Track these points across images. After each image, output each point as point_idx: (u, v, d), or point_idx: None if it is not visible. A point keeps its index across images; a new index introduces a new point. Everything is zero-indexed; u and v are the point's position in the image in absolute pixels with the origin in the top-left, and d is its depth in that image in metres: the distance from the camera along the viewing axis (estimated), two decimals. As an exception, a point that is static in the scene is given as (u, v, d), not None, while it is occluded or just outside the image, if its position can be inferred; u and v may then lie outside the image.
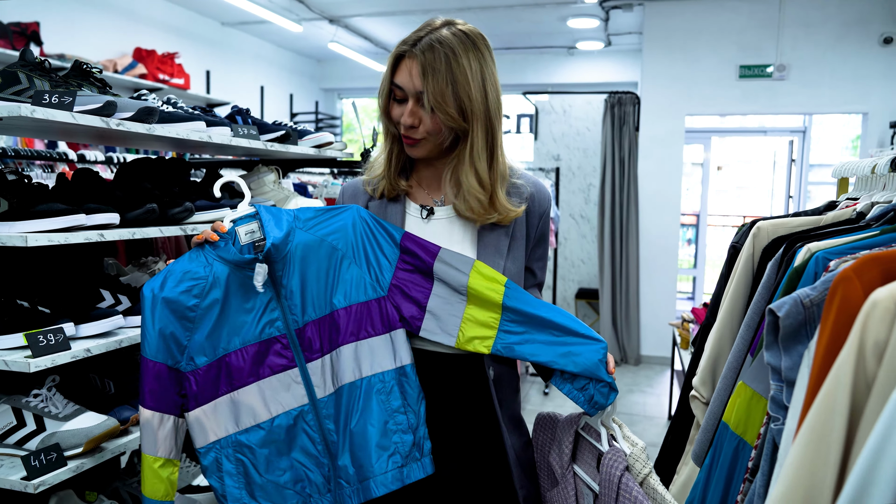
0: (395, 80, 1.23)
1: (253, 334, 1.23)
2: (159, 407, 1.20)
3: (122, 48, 5.22)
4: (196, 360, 1.21)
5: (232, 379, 1.22)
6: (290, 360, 1.23)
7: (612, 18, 6.18)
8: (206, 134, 1.80)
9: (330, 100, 8.65)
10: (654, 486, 1.17)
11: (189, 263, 1.23)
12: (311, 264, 1.24)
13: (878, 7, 5.11)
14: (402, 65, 1.21)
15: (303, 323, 1.23)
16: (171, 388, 1.21)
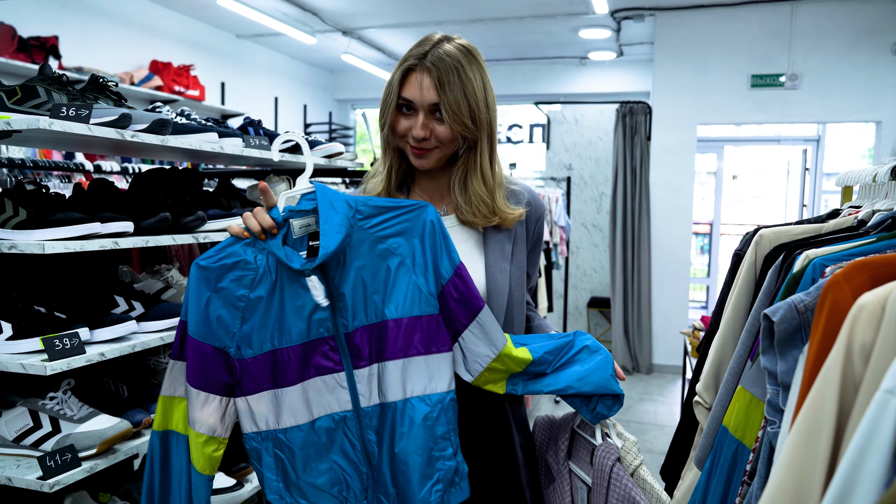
0: (403, 94, 1.24)
1: (301, 333, 1.16)
2: (202, 385, 1.15)
3: (139, 61, 5.32)
4: (243, 351, 1.16)
5: (277, 375, 1.17)
6: (338, 363, 1.18)
7: (623, 29, 6.21)
8: (218, 145, 1.85)
9: (343, 110, 8.73)
10: (643, 476, 1.20)
11: (241, 249, 1.16)
12: (367, 266, 1.18)
13: (889, 16, 5.10)
14: (411, 79, 1.24)
15: (352, 327, 1.18)
16: (216, 368, 1.15)
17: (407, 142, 1.28)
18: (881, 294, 0.77)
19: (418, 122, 1.24)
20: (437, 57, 1.22)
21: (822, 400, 0.78)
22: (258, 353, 1.16)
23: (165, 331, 1.65)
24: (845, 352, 0.78)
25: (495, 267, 1.31)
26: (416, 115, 1.25)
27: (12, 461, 1.43)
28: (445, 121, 1.23)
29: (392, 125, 1.28)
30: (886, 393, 0.69)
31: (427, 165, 1.30)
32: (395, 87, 1.25)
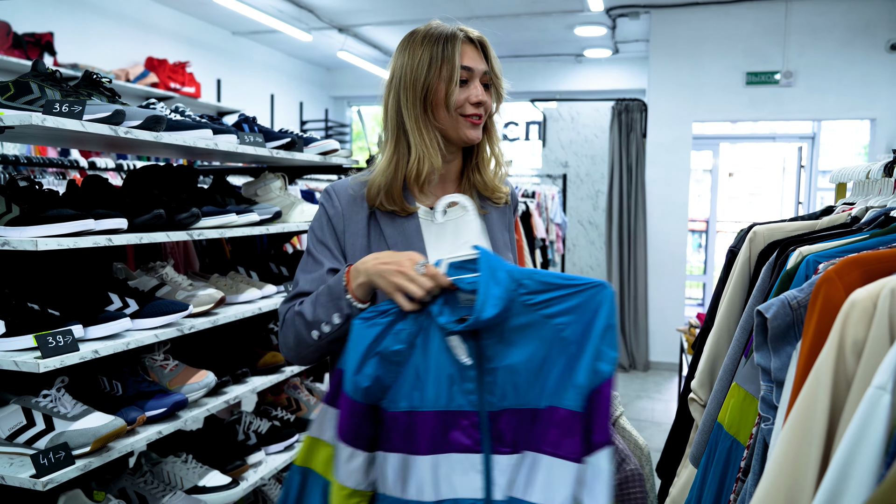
0: (464, 63, 1.26)
1: (443, 400, 1.07)
2: (350, 440, 1.09)
3: (135, 57, 5.30)
4: (388, 405, 1.09)
5: (410, 439, 1.08)
6: (476, 443, 1.07)
7: (618, 26, 6.20)
8: (212, 141, 1.84)
9: (340, 108, 8.71)
10: (623, 425, 1.21)
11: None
12: (526, 344, 1.06)
13: (883, 13, 5.10)
14: (465, 50, 1.27)
15: (499, 407, 1.07)
16: (366, 425, 1.09)
17: (462, 113, 1.28)
18: (873, 290, 0.78)
19: (479, 87, 1.28)
20: (477, 34, 1.30)
21: (814, 396, 0.79)
22: (396, 410, 1.08)
23: (160, 328, 1.65)
24: (837, 348, 0.78)
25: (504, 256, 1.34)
26: (470, 84, 1.27)
27: (5, 459, 1.43)
28: (492, 87, 1.31)
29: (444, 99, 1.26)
30: (878, 389, 0.69)
31: (479, 137, 1.32)
32: (457, 58, 1.25)
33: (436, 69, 1.25)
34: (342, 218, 1.29)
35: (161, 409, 1.62)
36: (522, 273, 1.08)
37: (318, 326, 1.17)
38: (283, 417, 2.31)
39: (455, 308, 1.09)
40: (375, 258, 1.14)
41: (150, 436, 1.58)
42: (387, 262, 1.11)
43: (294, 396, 2.44)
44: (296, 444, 2.22)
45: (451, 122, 1.28)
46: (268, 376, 2.08)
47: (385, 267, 1.11)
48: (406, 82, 1.27)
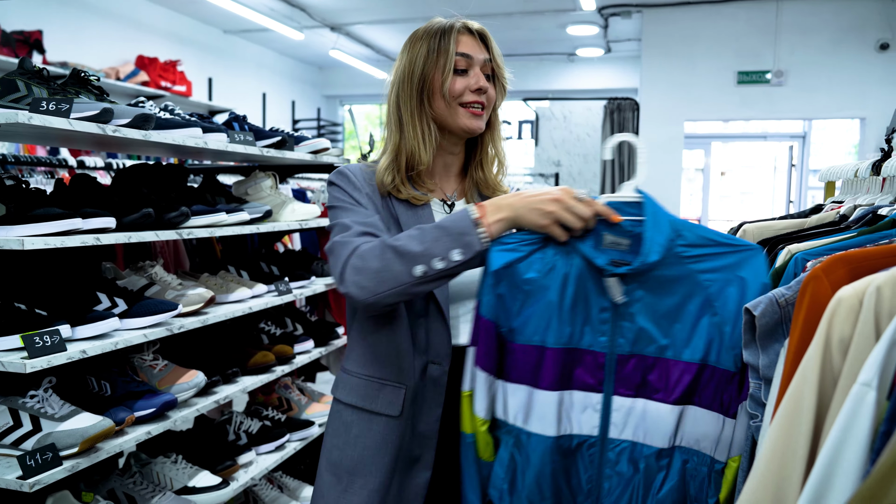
0: (460, 50, 1.25)
1: (573, 338, 1.08)
2: (487, 366, 1.11)
3: (125, 56, 5.27)
4: (515, 335, 1.10)
5: (536, 374, 1.09)
6: (599, 383, 1.09)
7: (611, 25, 6.22)
8: (202, 140, 1.83)
9: (332, 106, 8.70)
10: None
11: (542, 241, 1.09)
12: (670, 295, 1.06)
13: (873, 13, 5.13)
14: (462, 39, 1.26)
15: (629, 351, 1.08)
16: (495, 349, 1.11)
17: (461, 102, 1.27)
18: (859, 288, 0.78)
19: (479, 75, 1.26)
20: (477, 25, 1.30)
21: (801, 393, 0.79)
22: (526, 344, 1.09)
23: (149, 328, 1.64)
24: (824, 345, 0.78)
25: None
26: (470, 72, 1.26)
27: (-7, 460, 1.42)
28: (494, 78, 1.29)
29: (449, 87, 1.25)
30: (863, 385, 0.70)
31: (481, 127, 1.30)
32: (453, 46, 1.25)
33: (433, 60, 1.25)
34: (363, 191, 1.25)
35: (150, 410, 1.61)
36: (682, 224, 1.08)
37: (426, 261, 1.08)
38: (273, 417, 2.30)
39: (600, 249, 1.08)
40: (516, 195, 1.11)
41: (139, 436, 1.57)
42: (536, 194, 1.08)
43: (285, 396, 2.43)
44: (287, 444, 2.21)
45: (450, 113, 1.27)
46: (258, 376, 2.07)
47: (536, 199, 1.07)
48: (405, 77, 1.28)
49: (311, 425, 2.31)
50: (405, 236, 1.12)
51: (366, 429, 1.26)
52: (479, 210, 1.10)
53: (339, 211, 1.23)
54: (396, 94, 1.30)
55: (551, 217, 1.07)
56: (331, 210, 1.26)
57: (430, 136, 1.28)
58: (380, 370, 1.26)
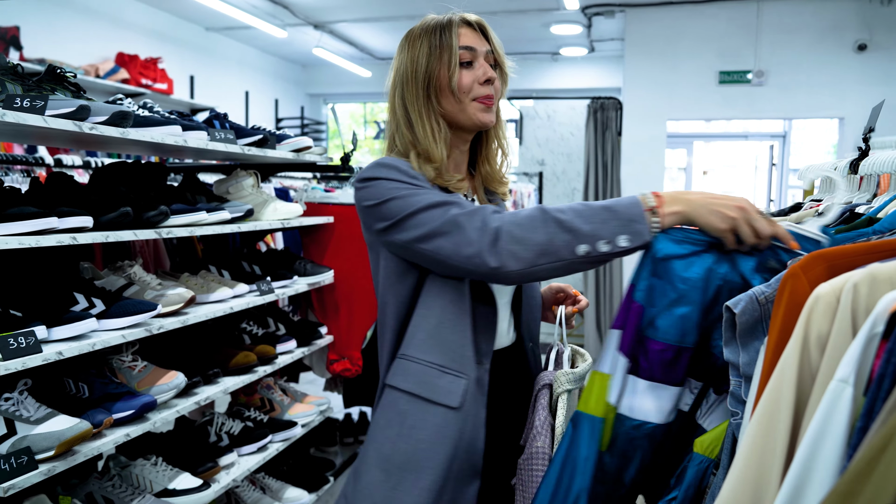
0: (463, 44, 1.24)
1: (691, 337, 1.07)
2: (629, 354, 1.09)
3: (105, 53, 5.20)
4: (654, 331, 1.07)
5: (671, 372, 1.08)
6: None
7: (594, 25, 6.24)
8: (181, 138, 1.81)
9: (315, 105, 8.65)
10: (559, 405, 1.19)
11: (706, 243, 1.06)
12: None
13: (851, 14, 5.19)
14: (463, 32, 1.25)
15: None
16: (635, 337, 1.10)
17: (472, 97, 1.25)
18: (836, 285, 0.78)
19: (484, 66, 1.25)
20: (474, 17, 1.29)
21: (779, 390, 0.79)
22: (663, 342, 1.07)
23: (128, 328, 1.62)
24: (802, 342, 0.79)
25: None
26: (475, 64, 1.25)
27: (-34, 464, 1.39)
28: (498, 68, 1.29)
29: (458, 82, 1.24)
30: (840, 382, 0.70)
31: (493, 120, 1.29)
32: (455, 41, 1.23)
33: (436, 56, 1.23)
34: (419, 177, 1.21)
35: (129, 412, 1.59)
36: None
37: (592, 242, 1.06)
38: (256, 418, 2.29)
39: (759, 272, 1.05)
40: (697, 192, 1.07)
41: (117, 439, 1.55)
42: (719, 196, 1.05)
43: (267, 397, 2.41)
44: (269, 445, 2.20)
45: (461, 108, 1.25)
46: (240, 377, 2.05)
47: (720, 201, 1.04)
48: (408, 76, 1.25)
49: (293, 426, 2.30)
50: (570, 210, 1.08)
51: (421, 419, 1.19)
52: (657, 199, 1.07)
53: (411, 195, 1.15)
54: (401, 94, 1.27)
55: (731, 223, 1.03)
56: (392, 201, 1.16)
57: (440, 134, 1.25)
58: (441, 357, 1.20)
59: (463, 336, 1.20)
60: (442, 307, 1.21)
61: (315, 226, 2.59)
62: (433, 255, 1.13)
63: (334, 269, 2.58)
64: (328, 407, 2.53)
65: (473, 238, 1.09)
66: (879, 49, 5.18)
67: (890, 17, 5.14)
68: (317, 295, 2.66)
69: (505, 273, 1.09)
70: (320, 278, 2.48)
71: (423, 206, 1.14)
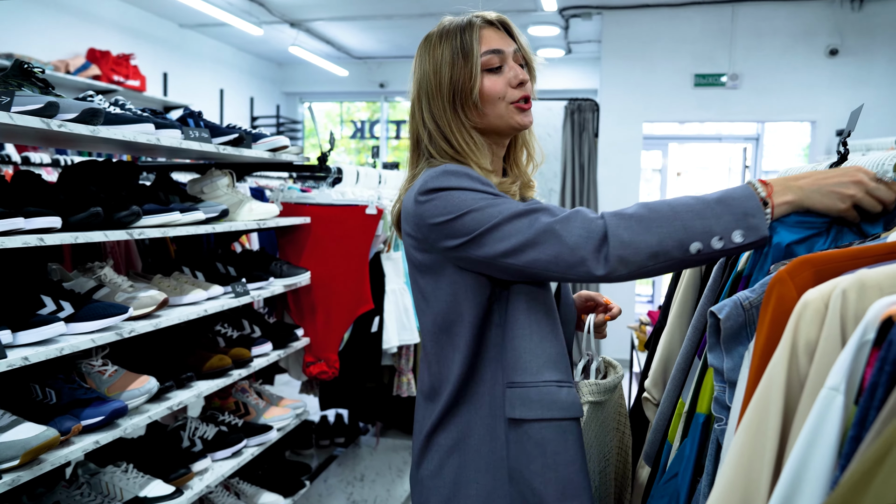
0: (489, 47, 1.16)
1: None
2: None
3: (75, 49, 5.09)
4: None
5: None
6: None
7: (571, 27, 6.26)
8: (154, 136, 1.76)
9: (291, 104, 8.56)
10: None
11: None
12: None
13: (823, 19, 5.28)
14: (485, 35, 1.18)
15: None
16: None
17: (507, 101, 1.18)
18: (825, 291, 0.78)
19: (515, 68, 1.18)
20: (495, 15, 1.21)
21: (767, 397, 0.78)
22: None
23: (97, 332, 1.57)
24: (790, 349, 0.78)
25: None
26: (505, 67, 1.18)
27: (-74, 475, 1.33)
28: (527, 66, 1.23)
29: (483, 91, 1.16)
30: (831, 390, 0.69)
31: (531, 121, 1.24)
32: (478, 47, 1.15)
33: (459, 66, 1.16)
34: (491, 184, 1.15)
35: (98, 418, 1.54)
36: None
37: (706, 239, 0.99)
38: (230, 422, 2.24)
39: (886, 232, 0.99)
40: (805, 175, 1.01)
41: (86, 446, 1.50)
42: (829, 176, 0.99)
43: (242, 400, 2.37)
44: (244, 450, 2.15)
45: (497, 114, 1.18)
46: (214, 380, 2.01)
47: (833, 180, 0.98)
48: (432, 88, 1.18)
49: (269, 430, 2.25)
50: (681, 205, 1.01)
51: (562, 442, 1.14)
52: (766, 188, 1.00)
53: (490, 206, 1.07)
54: (428, 107, 1.19)
55: (851, 200, 0.97)
56: (469, 214, 1.07)
57: (478, 143, 1.19)
58: (555, 372, 1.15)
59: (561, 345, 1.17)
60: (538, 322, 1.15)
61: (291, 226, 2.55)
62: (525, 268, 1.06)
63: (311, 270, 2.54)
64: (304, 410, 2.49)
65: (575, 245, 1.03)
66: (850, 54, 5.27)
67: (860, 22, 5.24)
68: (293, 296, 2.62)
69: (613, 278, 1.04)
70: (297, 280, 2.44)
71: (507, 216, 1.06)
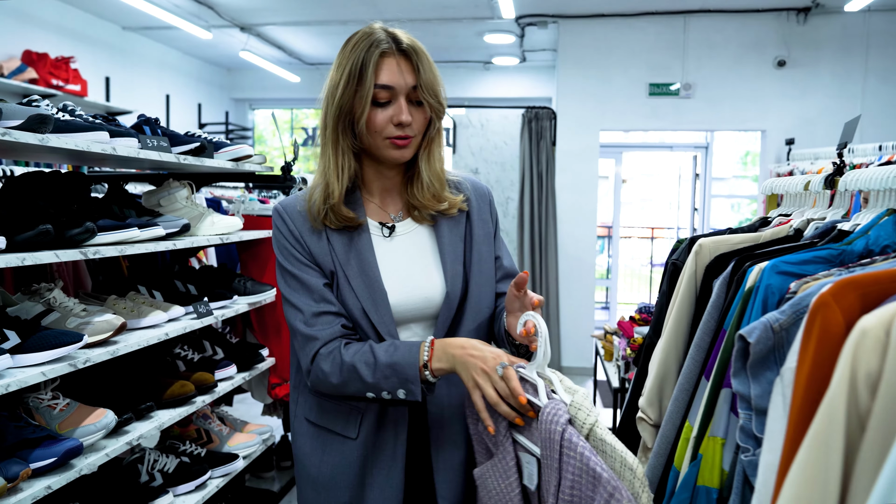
0: (381, 81, 1.16)
1: None
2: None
3: (9, 50, 4.78)
4: None
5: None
6: None
7: (527, 35, 6.27)
8: (109, 146, 1.62)
9: (241, 110, 8.31)
10: (601, 436, 1.00)
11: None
12: None
13: (771, 32, 5.43)
14: (386, 64, 1.17)
15: None
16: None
17: (384, 136, 1.19)
18: (884, 317, 0.72)
19: (402, 108, 1.18)
20: (408, 41, 1.20)
21: (826, 436, 0.72)
22: None
23: (48, 364, 1.41)
24: (849, 382, 0.72)
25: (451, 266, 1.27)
26: (393, 104, 1.18)
27: None
28: (424, 103, 1.20)
29: (368, 121, 1.18)
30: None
31: (408, 156, 1.23)
32: (371, 77, 1.15)
33: (351, 89, 1.17)
34: (299, 238, 1.23)
35: (50, 460, 1.38)
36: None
37: (377, 392, 1.16)
38: (192, 452, 2.08)
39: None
40: (463, 346, 1.12)
41: (36, 493, 1.34)
42: (474, 354, 1.10)
43: (204, 427, 2.21)
44: (208, 483, 2.00)
45: (375, 144, 1.21)
46: (176, 409, 1.86)
47: (472, 359, 1.09)
48: (328, 100, 1.21)
49: (234, 459, 2.11)
50: (363, 361, 1.15)
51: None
52: (430, 352, 1.14)
53: (288, 279, 1.24)
54: (324, 115, 1.23)
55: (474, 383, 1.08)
56: (279, 268, 1.26)
57: (344, 170, 1.22)
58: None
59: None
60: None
61: (254, 240, 2.41)
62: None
63: (275, 286, 2.41)
64: (270, 435, 2.35)
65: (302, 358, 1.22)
66: (797, 65, 5.42)
67: (806, 34, 5.40)
68: (256, 314, 2.48)
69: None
70: (262, 297, 2.30)
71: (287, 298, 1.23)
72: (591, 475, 0.94)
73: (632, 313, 3.38)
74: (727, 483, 1.10)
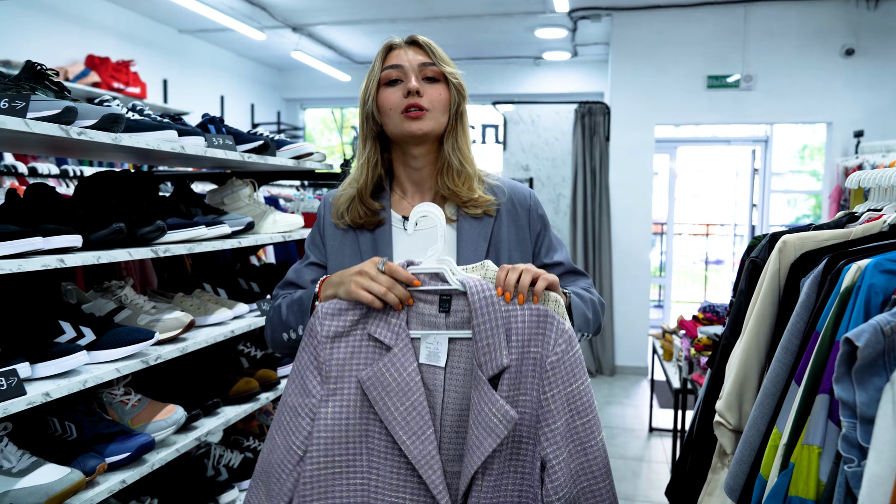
0: (389, 62, 1.25)
1: None
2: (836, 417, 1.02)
3: (73, 55, 4.95)
4: None
5: None
6: None
7: (579, 29, 6.16)
8: (178, 144, 1.63)
9: (292, 110, 8.43)
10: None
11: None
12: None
13: (837, 19, 5.19)
14: (393, 52, 1.26)
15: None
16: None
17: (399, 111, 1.24)
18: None
19: (411, 78, 1.23)
20: (419, 37, 1.28)
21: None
22: None
23: (122, 360, 1.43)
24: None
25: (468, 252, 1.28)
26: (401, 82, 1.24)
27: (-64, 525, 1.20)
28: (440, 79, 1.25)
29: (378, 101, 1.25)
30: None
31: (425, 128, 1.24)
32: (380, 63, 1.26)
33: (367, 78, 1.27)
34: (324, 230, 1.32)
35: (124, 454, 1.41)
36: None
37: (288, 331, 1.21)
38: (256, 448, 2.10)
39: None
40: (339, 273, 1.15)
41: (112, 486, 1.36)
42: (350, 269, 1.13)
43: (266, 423, 2.23)
44: (272, 479, 2.01)
45: (393, 123, 1.26)
46: (241, 405, 1.87)
47: (348, 274, 1.12)
48: (360, 100, 1.30)
49: (296, 456, 2.11)
50: (285, 302, 1.23)
51: None
52: (319, 286, 1.19)
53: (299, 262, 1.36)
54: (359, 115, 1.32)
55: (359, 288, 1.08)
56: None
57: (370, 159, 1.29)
58: None
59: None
60: None
61: (313, 238, 2.42)
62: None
63: (335, 284, 2.40)
64: (330, 432, 2.35)
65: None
66: (867, 54, 5.18)
67: (877, 21, 5.15)
68: (315, 312, 2.49)
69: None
70: (321, 295, 2.30)
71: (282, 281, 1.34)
72: (537, 313, 1.09)
73: (694, 312, 3.27)
74: (825, 495, 1.03)
